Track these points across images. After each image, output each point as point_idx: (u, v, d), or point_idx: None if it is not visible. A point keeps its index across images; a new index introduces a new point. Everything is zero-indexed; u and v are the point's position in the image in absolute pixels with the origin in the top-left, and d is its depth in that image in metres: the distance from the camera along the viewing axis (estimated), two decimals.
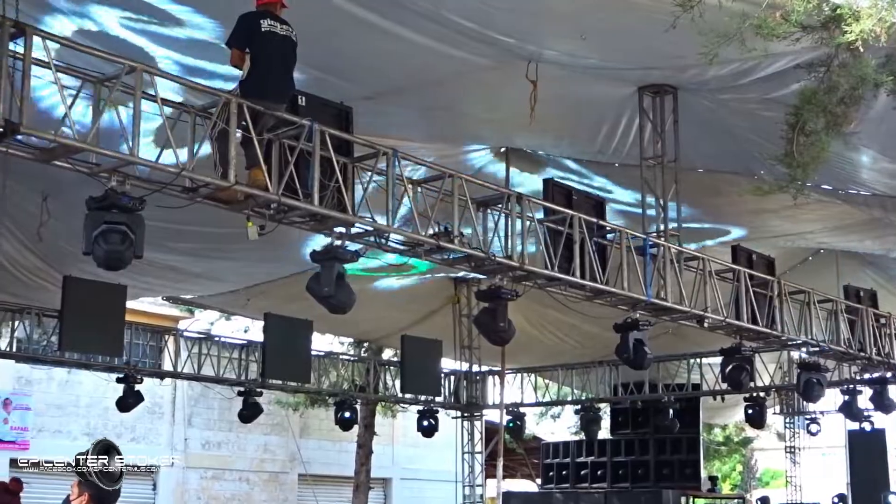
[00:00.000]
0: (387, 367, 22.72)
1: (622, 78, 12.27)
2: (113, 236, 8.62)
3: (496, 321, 12.23)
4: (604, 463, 23.44)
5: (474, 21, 10.21)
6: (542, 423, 32.09)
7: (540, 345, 20.99)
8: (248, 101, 9.31)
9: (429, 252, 11.23)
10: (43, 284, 15.95)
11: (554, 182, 12.95)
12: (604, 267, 12.62)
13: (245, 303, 19.25)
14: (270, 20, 9.40)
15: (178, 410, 26.72)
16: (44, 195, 13.00)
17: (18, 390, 23.83)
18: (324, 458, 28.56)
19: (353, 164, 10.43)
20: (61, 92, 8.33)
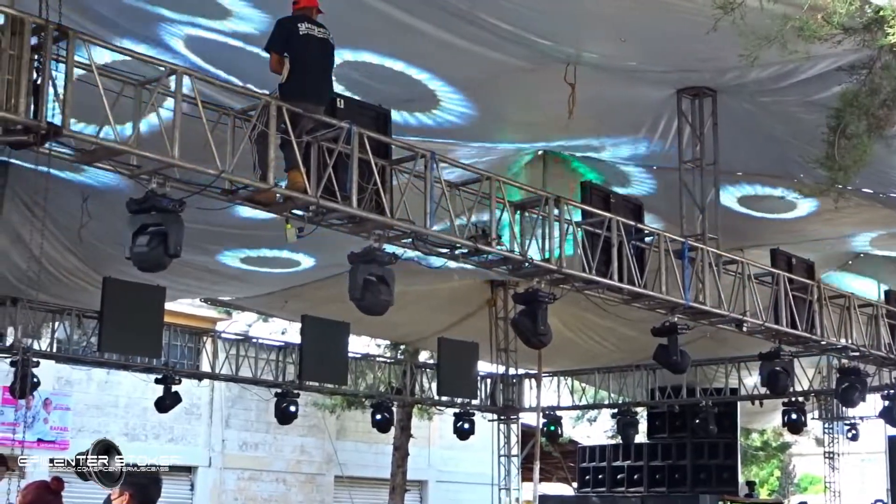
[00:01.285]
0: (423, 370, 22.73)
1: (661, 80, 12.21)
2: (152, 238, 8.68)
3: (533, 324, 12.20)
4: (640, 467, 23.34)
5: (512, 23, 10.20)
6: (579, 426, 31.98)
7: (577, 348, 20.94)
8: (287, 104, 9.35)
9: (466, 255, 11.22)
10: (83, 286, 16.08)
11: (592, 184, 12.92)
12: (642, 270, 12.57)
13: (282, 304, 19.33)
14: (308, 24, 9.44)
15: (215, 411, 26.84)
16: (84, 197, 13.12)
17: (58, 390, 24.01)
18: (360, 460, 28.60)
19: (392, 166, 10.45)
20: (102, 95, 8.39)
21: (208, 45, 10.56)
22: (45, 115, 7.78)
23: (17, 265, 14.24)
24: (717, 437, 22.13)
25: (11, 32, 7.65)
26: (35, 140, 7.87)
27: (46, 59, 7.82)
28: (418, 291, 17.37)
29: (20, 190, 13.15)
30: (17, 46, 7.64)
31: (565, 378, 23.66)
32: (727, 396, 21.89)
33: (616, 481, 23.68)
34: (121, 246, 9.10)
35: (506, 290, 20.72)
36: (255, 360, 19.92)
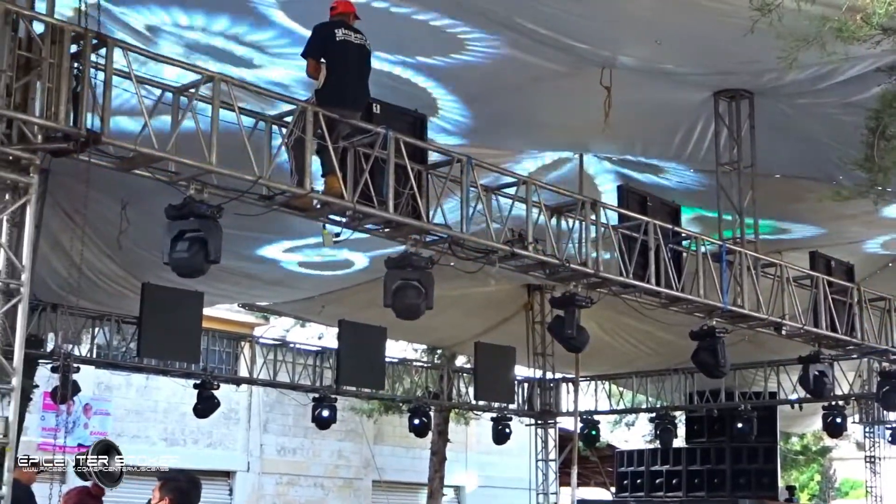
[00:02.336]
0: (460, 374, 22.72)
1: (697, 83, 12.17)
2: (191, 244, 8.73)
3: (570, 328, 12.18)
4: (679, 471, 23.21)
5: (548, 27, 10.20)
6: (617, 430, 31.85)
7: (614, 352, 20.86)
8: (323, 110, 9.38)
9: (503, 259, 11.22)
10: (122, 291, 16.19)
11: (629, 188, 12.88)
12: (679, 274, 12.53)
13: (320, 309, 19.37)
14: (345, 29, 9.48)
15: (253, 416, 26.96)
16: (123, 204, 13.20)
17: (98, 396, 24.20)
18: (397, 465, 28.64)
19: (428, 171, 10.46)
20: (141, 102, 8.46)
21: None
22: (84, 122, 7.85)
23: (58, 271, 14.34)
24: (756, 441, 21.96)
25: (51, 41, 7.73)
26: (75, 147, 7.95)
27: (86, 67, 7.90)
28: (455, 296, 17.35)
29: (60, 197, 13.25)
30: (56, 55, 7.73)
31: (603, 382, 23.57)
32: (766, 400, 21.72)
33: (654, 486, 23.56)
34: (159, 252, 9.18)
35: (542, 294, 20.66)
36: (292, 365, 19.98)
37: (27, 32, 7.72)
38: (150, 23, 10.22)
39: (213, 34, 10.52)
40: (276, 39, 10.60)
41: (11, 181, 7.69)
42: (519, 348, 20.93)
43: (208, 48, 10.61)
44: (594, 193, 12.57)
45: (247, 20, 10.30)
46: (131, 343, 17.03)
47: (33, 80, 7.71)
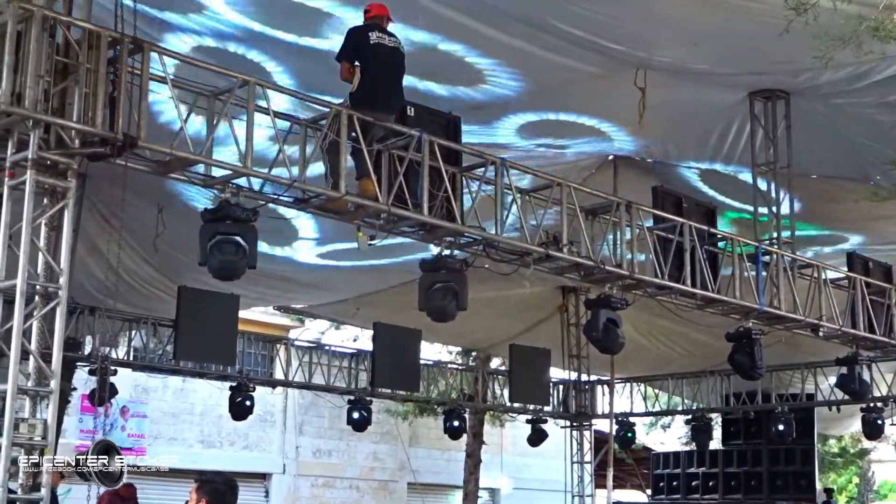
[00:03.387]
0: (495, 376, 22.69)
1: (733, 83, 12.11)
2: (227, 247, 8.78)
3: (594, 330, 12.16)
4: (715, 474, 23.06)
5: (582, 29, 10.18)
6: (652, 432, 31.72)
7: (649, 354, 20.78)
8: (358, 113, 9.41)
9: (538, 261, 11.20)
10: (158, 295, 16.28)
11: (663, 189, 12.83)
12: (715, 275, 12.47)
13: (354, 312, 19.40)
14: (379, 33, 9.51)
15: (289, 419, 27.03)
16: (159, 207, 13.30)
17: (135, 398, 24.33)
18: (433, 467, 28.64)
19: (462, 173, 10.47)
20: (177, 106, 8.52)
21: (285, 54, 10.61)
22: (120, 126, 7.91)
23: (95, 275, 14.45)
24: (793, 444, 21.79)
25: (88, 46, 7.80)
26: (112, 152, 8.01)
27: (122, 71, 7.96)
28: (489, 298, 17.34)
29: (97, 201, 13.36)
30: (93, 60, 7.80)
31: (638, 384, 23.47)
32: (803, 402, 21.56)
33: (691, 488, 23.43)
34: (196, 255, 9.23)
35: (577, 296, 20.60)
36: (327, 368, 20.02)
37: (64, 38, 7.79)
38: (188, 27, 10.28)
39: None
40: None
41: (50, 185, 7.76)
42: (554, 350, 20.89)
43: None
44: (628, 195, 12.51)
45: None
46: (168, 346, 17.11)
47: (71, 86, 7.79)
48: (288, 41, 10.43)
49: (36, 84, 7.52)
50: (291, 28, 10.24)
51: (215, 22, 10.06)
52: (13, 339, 7.33)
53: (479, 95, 11.68)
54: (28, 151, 7.56)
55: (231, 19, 10.00)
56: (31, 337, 7.56)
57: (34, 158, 7.55)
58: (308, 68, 10.82)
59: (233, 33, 10.30)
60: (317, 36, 10.35)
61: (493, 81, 11.47)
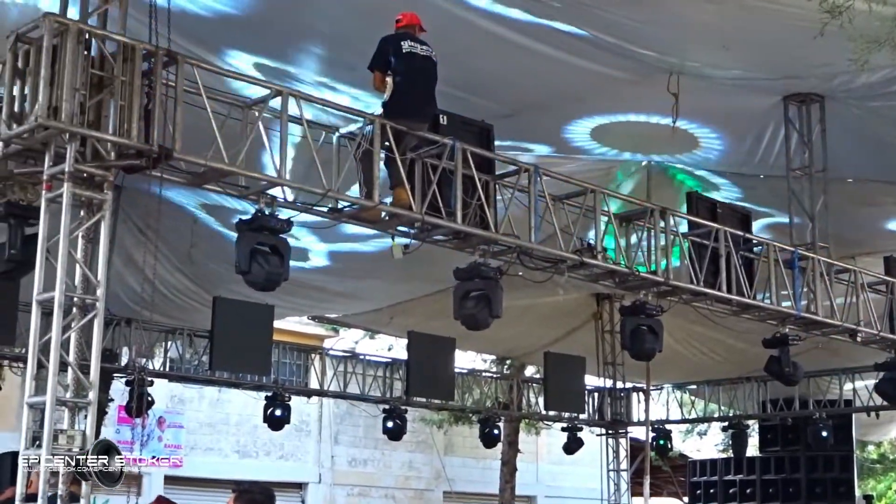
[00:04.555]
0: (530, 384, 22.65)
1: (767, 88, 12.05)
2: (273, 259, 8.82)
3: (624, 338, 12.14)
4: (753, 481, 22.90)
5: (614, 35, 10.16)
6: (689, 440, 31.56)
7: (685, 360, 20.67)
8: (391, 122, 9.43)
9: (572, 268, 11.17)
10: (194, 305, 16.36)
11: (698, 195, 12.78)
12: (751, 281, 12.40)
13: (388, 321, 19.42)
14: (411, 41, 9.52)
15: (324, 428, 27.07)
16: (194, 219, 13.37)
17: (172, 409, 24.45)
18: (468, 476, 28.59)
19: (495, 181, 10.46)
20: (211, 117, 8.56)
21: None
22: (156, 138, 7.95)
23: (131, 287, 14.54)
24: (832, 450, 21.62)
25: (123, 59, 7.85)
26: (147, 164, 8.06)
27: (157, 84, 8.01)
28: (523, 306, 17.32)
29: (132, 213, 13.45)
30: (128, 73, 7.85)
31: (674, 391, 23.36)
32: (842, 408, 21.39)
33: (728, 496, 23.28)
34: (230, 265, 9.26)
35: (611, 304, 20.54)
36: (362, 377, 20.04)
37: (100, 51, 7.85)
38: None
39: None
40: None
41: (86, 198, 7.82)
42: (589, 358, 20.82)
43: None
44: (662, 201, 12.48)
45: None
46: (203, 356, 17.18)
47: (106, 98, 7.84)
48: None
49: (72, 97, 7.57)
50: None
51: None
52: (52, 350, 7.38)
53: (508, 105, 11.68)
54: (65, 164, 7.62)
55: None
56: (69, 348, 7.61)
57: (71, 171, 7.60)
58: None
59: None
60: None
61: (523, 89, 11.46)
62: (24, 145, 7.87)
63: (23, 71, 7.75)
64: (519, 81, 11.33)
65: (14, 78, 7.78)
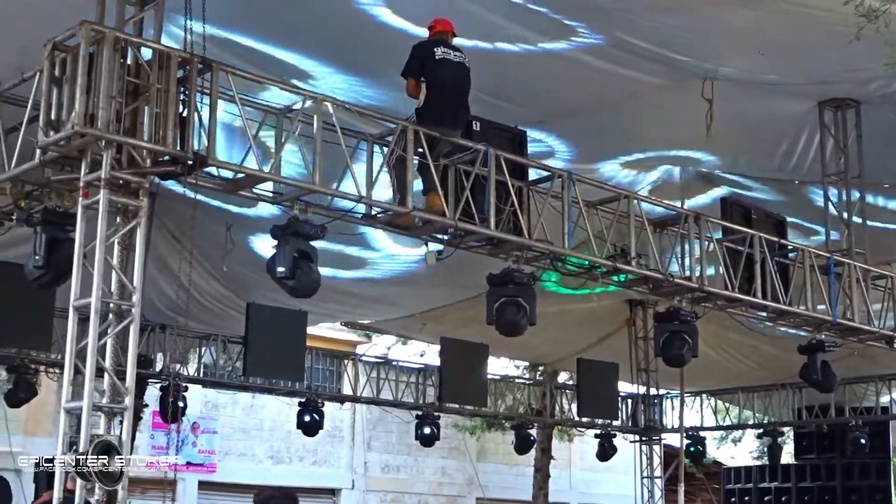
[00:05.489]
0: (563, 391, 22.60)
1: (801, 93, 11.98)
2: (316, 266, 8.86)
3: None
4: (789, 489, 22.75)
5: (648, 41, 10.14)
6: (723, 447, 31.39)
7: (719, 367, 20.55)
8: (424, 128, 9.43)
9: (605, 274, 11.14)
10: (227, 312, 16.42)
11: (732, 200, 12.72)
12: (786, 287, 12.32)
13: (421, 327, 19.43)
14: (444, 48, 9.52)
15: (357, 434, 27.12)
16: (228, 225, 13.42)
17: (206, 414, 24.57)
18: (501, 482, 28.56)
19: (529, 187, 10.45)
20: (245, 124, 8.60)
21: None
22: (191, 145, 8.00)
23: (166, 293, 14.61)
24: (868, 458, 21.45)
25: (158, 67, 7.90)
26: (182, 170, 8.11)
27: (192, 91, 8.06)
28: (556, 312, 17.28)
29: (167, 220, 13.51)
30: (164, 80, 7.90)
31: (708, 398, 23.25)
32: (878, 415, 21.23)
33: (763, 503, 23.15)
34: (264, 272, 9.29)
35: (645, 310, 20.47)
36: (395, 383, 20.08)
37: (135, 59, 7.90)
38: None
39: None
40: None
41: (122, 204, 7.87)
42: (622, 364, 20.75)
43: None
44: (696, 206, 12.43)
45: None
46: (237, 362, 17.26)
47: (141, 106, 7.89)
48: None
49: (108, 105, 7.62)
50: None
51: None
52: (88, 356, 7.42)
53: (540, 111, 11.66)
54: (101, 171, 7.67)
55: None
56: (105, 354, 7.65)
57: (107, 178, 7.65)
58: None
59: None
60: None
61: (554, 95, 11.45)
62: (61, 152, 7.93)
63: (60, 79, 7.81)
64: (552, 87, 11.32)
65: (51, 86, 7.84)
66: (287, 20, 9.83)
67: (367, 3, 9.66)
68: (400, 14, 9.86)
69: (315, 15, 9.76)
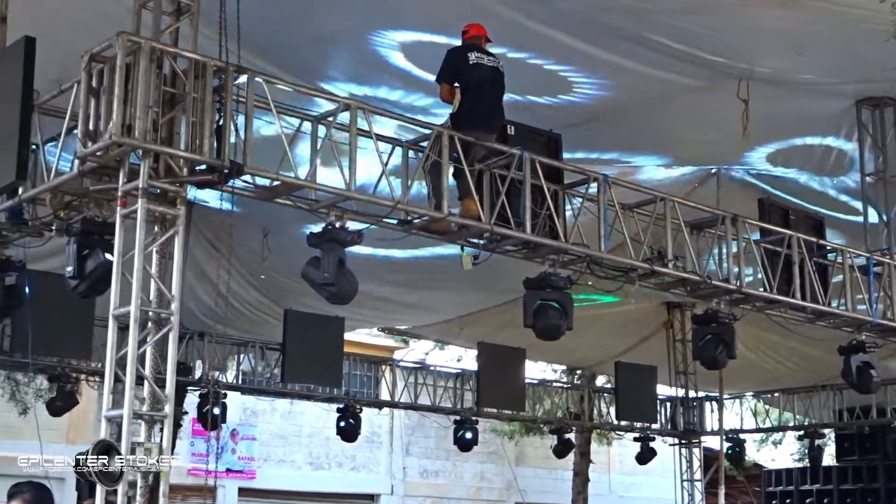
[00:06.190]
0: (601, 394, 22.53)
1: (838, 92, 11.90)
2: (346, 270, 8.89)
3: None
4: (830, 491, 22.56)
5: (682, 42, 10.10)
6: (763, 449, 31.16)
7: (758, 369, 20.42)
8: (459, 133, 9.44)
9: (643, 277, 11.10)
10: (265, 318, 16.50)
11: (770, 201, 12.64)
12: (825, 288, 12.23)
13: (458, 332, 19.44)
14: (478, 53, 9.53)
15: (395, 439, 27.15)
16: (265, 232, 13.49)
17: (245, 421, 24.67)
18: (540, 487, 28.49)
19: (564, 190, 10.43)
20: (281, 131, 8.63)
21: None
22: (227, 154, 8.04)
23: (203, 301, 14.69)
24: None
25: (194, 76, 7.95)
26: (219, 179, 8.14)
27: (227, 100, 8.09)
28: (593, 315, 17.24)
29: (204, 227, 13.60)
30: (200, 89, 7.94)
31: (748, 400, 23.11)
32: None
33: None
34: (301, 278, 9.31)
35: (682, 312, 20.39)
36: (433, 388, 20.06)
37: (171, 69, 7.95)
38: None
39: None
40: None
41: (160, 213, 7.91)
42: (660, 367, 20.66)
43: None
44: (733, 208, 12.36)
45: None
46: (275, 369, 17.31)
47: (178, 115, 7.93)
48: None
49: (145, 114, 7.67)
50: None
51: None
52: (128, 364, 7.47)
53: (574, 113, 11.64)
54: (139, 181, 7.72)
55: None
56: (145, 362, 7.70)
57: (144, 187, 7.70)
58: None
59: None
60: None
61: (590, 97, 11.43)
62: (99, 163, 7.99)
63: (97, 90, 7.87)
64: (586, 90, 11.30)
65: (89, 96, 7.90)
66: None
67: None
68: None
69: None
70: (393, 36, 10.17)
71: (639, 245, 10.82)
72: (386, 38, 10.20)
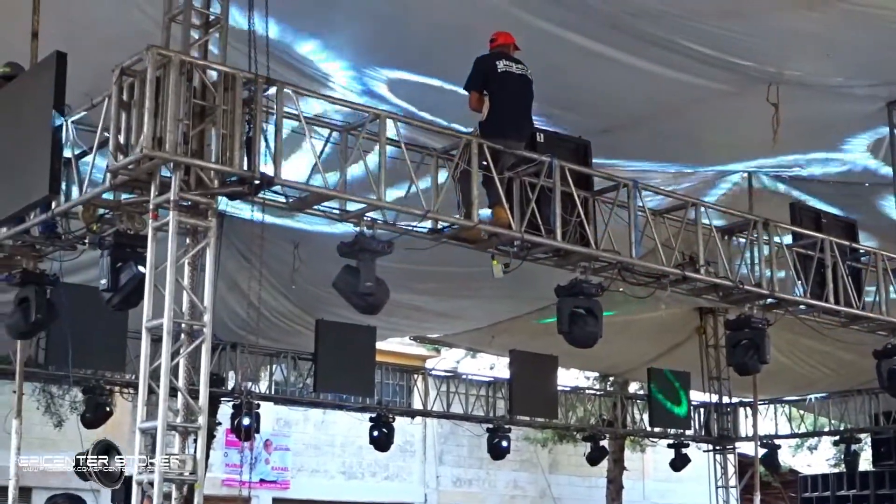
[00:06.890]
0: (634, 401, 22.45)
1: (869, 94, 11.80)
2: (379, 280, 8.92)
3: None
4: (867, 496, 22.35)
5: (711, 47, 10.06)
6: (799, 454, 30.95)
7: (792, 374, 20.31)
8: (488, 141, 9.43)
9: (674, 283, 11.06)
10: (297, 329, 16.54)
11: (801, 205, 12.57)
12: (859, 291, 12.14)
13: (490, 340, 19.42)
14: (506, 61, 9.53)
15: (428, 448, 27.15)
16: (295, 243, 13.53)
17: (278, 431, 24.74)
18: (574, 494, 28.43)
19: (594, 197, 10.41)
20: (311, 143, 8.66)
21: (411, 87, 10.77)
22: (258, 165, 8.07)
23: (236, 311, 14.75)
24: None
25: (224, 88, 7.98)
26: (249, 190, 8.18)
27: (257, 111, 8.12)
28: (625, 321, 17.18)
29: (235, 238, 13.65)
30: (229, 101, 7.97)
31: (782, 405, 22.96)
32: None
33: None
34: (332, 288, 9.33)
35: (715, 318, 20.30)
36: (465, 397, 20.06)
37: (201, 81, 7.98)
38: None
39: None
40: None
41: (191, 225, 7.95)
42: (693, 373, 20.57)
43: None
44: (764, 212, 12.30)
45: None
46: (308, 379, 17.35)
47: (208, 127, 7.97)
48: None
49: (175, 127, 7.71)
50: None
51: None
52: (161, 376, 7.50)
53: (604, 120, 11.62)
54: (170, 193, 7.76)
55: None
56: (178, 374, 7.73)
57: (175, 200, 7.74)
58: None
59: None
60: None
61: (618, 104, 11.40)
62: (131, 176, 8.03)
63: (128, 103, 7.92)
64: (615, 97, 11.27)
65: (119, 110, 7.95)
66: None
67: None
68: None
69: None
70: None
71: (670, 251, 10.78)
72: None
